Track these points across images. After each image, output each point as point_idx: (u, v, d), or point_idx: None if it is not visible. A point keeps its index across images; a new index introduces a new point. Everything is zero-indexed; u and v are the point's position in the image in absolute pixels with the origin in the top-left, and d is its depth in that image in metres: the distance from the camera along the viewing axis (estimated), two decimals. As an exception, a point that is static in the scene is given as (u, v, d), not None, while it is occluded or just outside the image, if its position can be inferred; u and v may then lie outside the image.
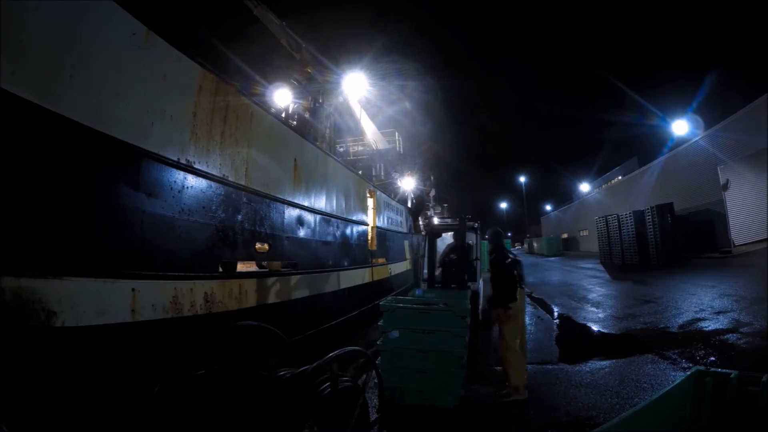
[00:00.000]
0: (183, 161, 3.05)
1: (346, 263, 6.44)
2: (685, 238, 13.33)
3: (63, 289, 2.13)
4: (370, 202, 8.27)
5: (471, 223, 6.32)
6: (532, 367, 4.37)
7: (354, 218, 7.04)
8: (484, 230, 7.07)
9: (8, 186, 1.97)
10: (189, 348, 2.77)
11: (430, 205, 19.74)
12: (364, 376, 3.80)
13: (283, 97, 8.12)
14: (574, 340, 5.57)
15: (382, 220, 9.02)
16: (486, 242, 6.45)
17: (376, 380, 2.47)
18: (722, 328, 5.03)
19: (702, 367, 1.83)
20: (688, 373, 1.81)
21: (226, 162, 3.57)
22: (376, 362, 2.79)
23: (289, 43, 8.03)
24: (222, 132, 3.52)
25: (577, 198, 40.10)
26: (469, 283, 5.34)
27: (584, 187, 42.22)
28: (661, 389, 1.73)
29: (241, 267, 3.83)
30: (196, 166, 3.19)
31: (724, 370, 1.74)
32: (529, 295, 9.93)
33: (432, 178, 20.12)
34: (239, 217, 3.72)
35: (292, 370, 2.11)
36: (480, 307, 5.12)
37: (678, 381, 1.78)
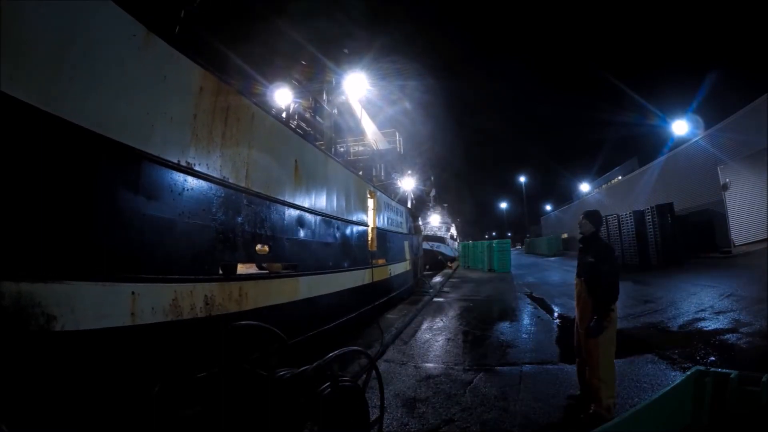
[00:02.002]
0: (183, 163, 3.05)
1: (346, 264, 6.44)
2: (685, 238, 13.32)
3: (62, 293, 2.13)
4: (370, 202, 8.27)
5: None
6: (532, 367, 4.38)
7: (354, 219, 7.04)
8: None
9: (7, 189, 1.97)
10: (189, 351, 2.78)
11: (431, 205, 19.74)
12: (364, 376, 3.81)
13: (283, 97, 8.12)
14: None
15: (382, 220, 9.02)
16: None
17: (376, 380, 2.47)
18: (722, 328, 5.04)
19: (702, 367, 1.83)
20: (688, 373, 1.81)
21: (227, 164, 3.57)
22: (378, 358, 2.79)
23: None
24: (222, 133, 3.52)
25: (577, 198, 40.11)
26: None
27: (584, 187, 42.25)
28: (661, 389, 1.73)
29: (241, 269, 3.83)
30: (197, 168, 3.19)
31: (724, 370, 1.75)
32: (529, 295, 9.95)
33: (432, 178, 20.13)
34: (240, 219, 3.72)
35: (292, 370, 2.11)
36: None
37: (678, 381, 1.79)
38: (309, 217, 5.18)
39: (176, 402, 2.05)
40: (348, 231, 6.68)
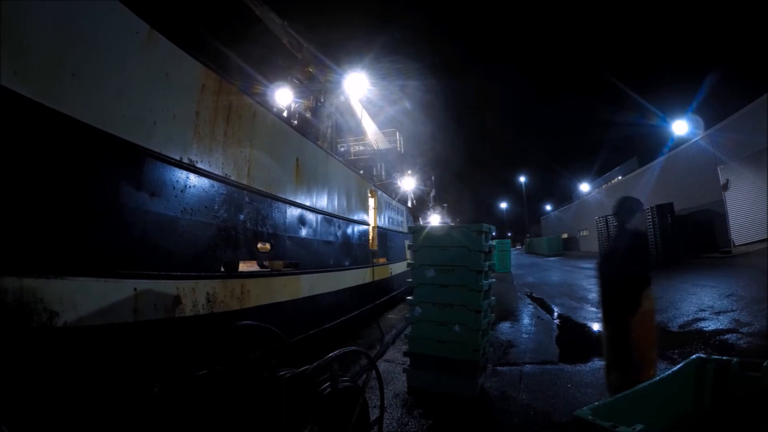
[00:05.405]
0: (185, 160, 3.05)
1: (347, 263, 6.44)
2: (685, 238, 13.33)
3: (65, 289, 2.13)
4: (371, 201, 8.27)
5: None
6: (532, 367, 4.39)
7: (355, 218, 7.04)
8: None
9: (11, 185, 1.97)
10: (191, 348, 2.78)
11: (431, 205, 19.74)
12: (364, 376, 3.82)
13: (284, 97, 8.12)
14: (575, 340, 5.58)
15: (383, 219, 9.02)
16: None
17: (376, 380, 2.47)
18: (722, 328, 5.04)
19: (703, 354, 1.83)
20: (690, 359, 1.80)
21: (229, 161, 3.57)
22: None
23: (291, 42, 8.03)
24: (224, 131, 3.52)
25: (577, 198, 40.10)
26: None
27: (584, 187, 42.28)
28: (661, 373, 1.72)
29: (242, 267, 3.83)
30: (199, 165, 3.19)
31: (725, 357, 1.76)
32: (529, 295, 9.95)
33: (433, 178, 20.14)
34: (241, 217, 3.72)
35: (292, 370, 2.11)
36: None
37: (679, 366, 1.78)
38: (310, 215, 5.18)
39: (176, 402, 2.05)
40: (349, 230, 6.68)
